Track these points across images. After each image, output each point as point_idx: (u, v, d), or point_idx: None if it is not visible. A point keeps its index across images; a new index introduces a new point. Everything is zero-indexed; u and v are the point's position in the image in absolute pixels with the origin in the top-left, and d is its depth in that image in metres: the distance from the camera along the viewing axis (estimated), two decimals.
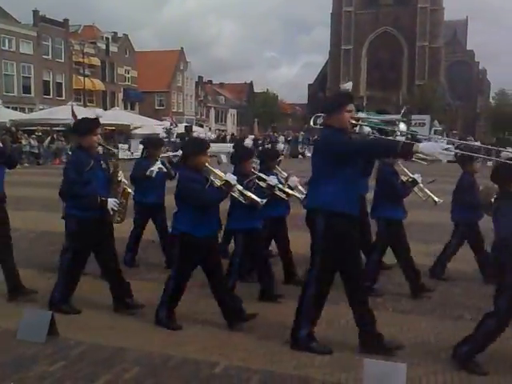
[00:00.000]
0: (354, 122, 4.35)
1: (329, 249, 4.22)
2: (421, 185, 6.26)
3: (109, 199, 4.99)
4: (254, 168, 5.82)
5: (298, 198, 6.04)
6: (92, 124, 5.16)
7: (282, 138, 39.85)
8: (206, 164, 4.72)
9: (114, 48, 54.54)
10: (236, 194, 5.00)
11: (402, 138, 5.36)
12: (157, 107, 61.70)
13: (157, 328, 4.82)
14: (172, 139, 40.32)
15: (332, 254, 4.23)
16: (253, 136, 25.35)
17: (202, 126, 57.29)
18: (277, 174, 6.18)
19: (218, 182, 4.69)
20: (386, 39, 71.96)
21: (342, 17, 72.53)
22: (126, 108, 53.51)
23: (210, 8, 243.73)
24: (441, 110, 56.11)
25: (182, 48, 66.55)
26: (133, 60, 57.92)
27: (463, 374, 4.00)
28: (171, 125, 38.33)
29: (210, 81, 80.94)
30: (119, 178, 5.32)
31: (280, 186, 5.88)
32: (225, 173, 4.76)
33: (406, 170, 6.27)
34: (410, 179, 6.13)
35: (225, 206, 5.37)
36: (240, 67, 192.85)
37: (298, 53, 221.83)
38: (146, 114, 46.27)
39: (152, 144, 7.17)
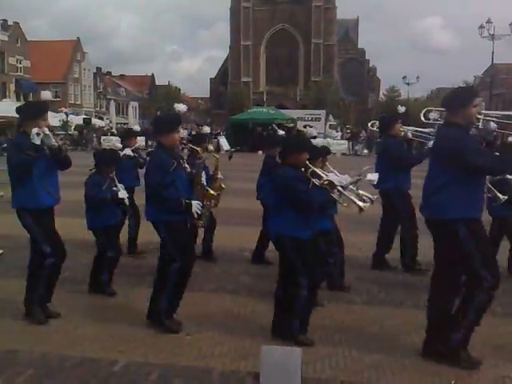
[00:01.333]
0: (479, 116, 4.26)
1: (477, 255, 4.02)
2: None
3: (193, 202, 4.62)
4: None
5: (370, 199, 5.38)
6: (174, 120, 4.76)
7: (183, 132, 39.54)
8: (307, 162, 4.43)
9: (3, 37, 51.45)
10: (335, 196, 4.51)
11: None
12: (52, 99, 58.69)
13: (52, 328, 4.68)
14: (70, 132, 38.84)
15: (477, 258, 4.03)
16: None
17: (101, 118, 55.47)
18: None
19: (316, 182, 4.41)
20: (283, 36, 73.28)
21: (240, 12, 73.02)
22: (18, 99, 50.56)
23: None
24: (335, 106, 58.15)
25: (78, 38, 64.00)
26: (25, 49, 54.88)
27: (355, 354, 4.26)
28: (67, 116, 36.87)
29: (110, 72, 78.35)
30: (202, 180, 4.91)
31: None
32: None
33: None
34: None
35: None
36: (141, 60, 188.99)
37: (200, 47, 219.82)
38: None
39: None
